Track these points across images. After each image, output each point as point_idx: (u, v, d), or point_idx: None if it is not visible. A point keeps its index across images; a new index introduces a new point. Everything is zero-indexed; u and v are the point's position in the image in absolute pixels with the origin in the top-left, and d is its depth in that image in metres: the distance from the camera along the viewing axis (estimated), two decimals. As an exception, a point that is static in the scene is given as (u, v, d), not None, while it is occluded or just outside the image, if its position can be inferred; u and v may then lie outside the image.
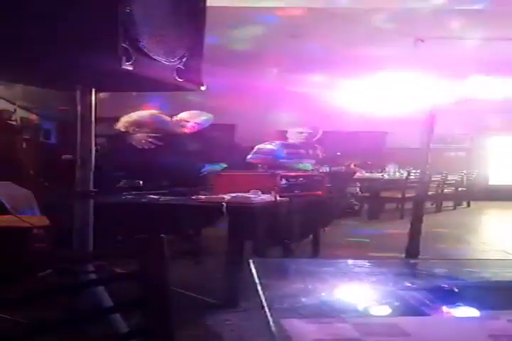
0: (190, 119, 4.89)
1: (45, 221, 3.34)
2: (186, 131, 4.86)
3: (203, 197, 3.24)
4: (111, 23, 1.57)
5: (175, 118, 4.89)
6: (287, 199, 3.33)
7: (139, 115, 4.28)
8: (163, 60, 1.78)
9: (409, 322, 0.87)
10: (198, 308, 2.94)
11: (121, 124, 4.18)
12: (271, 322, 0.83)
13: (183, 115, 4.96)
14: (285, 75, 9.04)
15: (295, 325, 0.84)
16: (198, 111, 5.09)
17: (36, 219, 3.49)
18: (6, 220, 3.68)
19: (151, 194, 3.46)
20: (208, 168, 4.59)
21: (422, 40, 7.03)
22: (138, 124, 4.14)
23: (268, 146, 5.78)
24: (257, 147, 5.79)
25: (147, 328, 0.90)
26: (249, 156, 5.61)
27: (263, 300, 0.95)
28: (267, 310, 0.89)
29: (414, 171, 7.99)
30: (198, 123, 4.92)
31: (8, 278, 0.87)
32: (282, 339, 0.77)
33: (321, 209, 3.92)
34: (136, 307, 0.93)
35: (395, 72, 8.16)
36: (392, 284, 1.16)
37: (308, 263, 1.70)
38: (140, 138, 4.09)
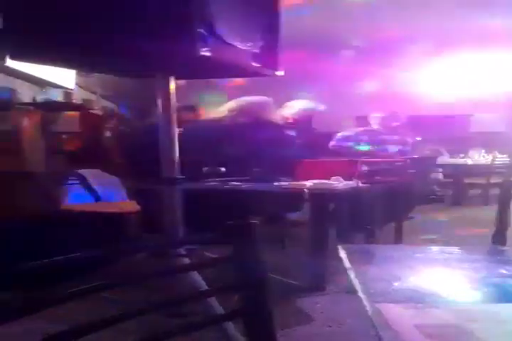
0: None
1: (135, 206, 3.47)
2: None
3: (285, 183, 3.27)
4: (185, 9, 1.56)
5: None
6: (369, 185, 3.30)
7: (250, 101, 4.28)
8: (239, 44, 1.76)
9: (509, 309, 0.85)
10: (287, 291, 3.01)
11: (224, 109, 4.19)
12: (367, 307, 0.83)
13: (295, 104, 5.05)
14: (362, 57, 8.81)
15: (392, 309, 0.83)
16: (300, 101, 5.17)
17: (127, 205, 3.64)
18: (99, 206, 3.87)
19: (233, 180, 3.52)
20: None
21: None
22: (241, 110, 4.12)
23: (348, 133, 5.70)
24: (338, 134, 5.73)
25: (247, 311, 0.94)
26: (330, 144, 5.58)
27: (357, 285, 0.95)
28: (361, 294, 0.89)
29: (499, 156, 7.69)
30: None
31: (106, 261, 0.91)
32: (382, 324, 0.77)
33: (404, 196, 3.86)
34: (233, 290, 0.97)
35: (479, 51, 7.83)
36: (485, 271, 1.14)
37: (395, 249, 1.69)
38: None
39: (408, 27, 7.33)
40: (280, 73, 2.02)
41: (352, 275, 1.01)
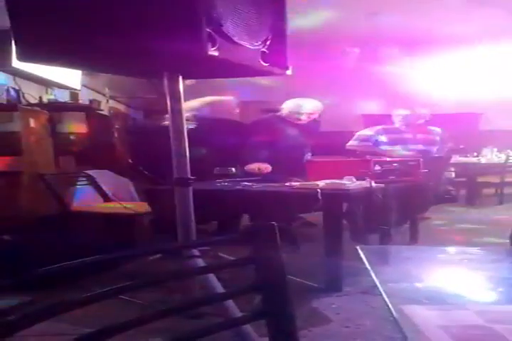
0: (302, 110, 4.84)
1: (146, 207, 3.47)
2: (300, 122, 4.83)
3: (297, 183, 3.25)
4: (193, 9, 1.55)
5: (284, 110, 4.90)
6: (382, 185, 3.28)
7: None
8: (247, 44, 1.76)
9: (535, 310, 0.84)
10: (302, 292, 2.99)
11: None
12: (392, 309, 0.82)
13: (291, 105, 4.91)
14: (368, 55, 8.75)
15: (416, 311, 0.82)
16: (305, 100, 4.96)
17: (138, 206, 3.64)
18: (109, 207, 3.88)
19: (244, 181, 3.52)
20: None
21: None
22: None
23: (367, 132, 5.52)
24: (357, 133, 5.54)
25: (269, 312, 0.93)
26: (348, 143, 5.46)
27: (379, 287, 0.94)
28: (385, 296, 0.88)
29: (513, 154, 7.64)
30: (310, 113, 4.86)
31: (118, 262, 0.91)
32: (407, 325, 0.76)
33: (418, 195, 3.81)
34: (255, 291, 0.96)
35: (489, 48, 7.76)
36: (508, 272, 1.13)
37: (414, 249, 1.68)
38: None
39: (416, 23, 7.28)
40: (289, 72, 2.01)
41: (373, 276, 1.00)
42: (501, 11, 6.44)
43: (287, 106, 4.87)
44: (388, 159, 3.82)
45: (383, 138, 5.38)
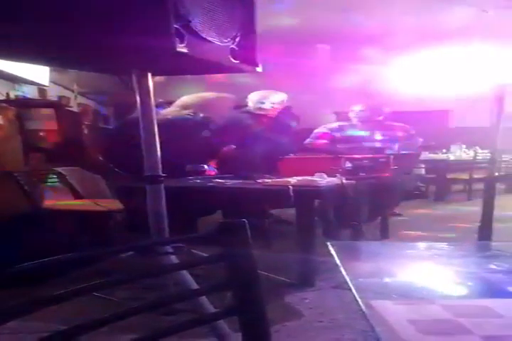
0: (266, 100, 4.81)
1: (118, 205, 3.45)
2: (265, 113, 4.78)
3: (269, 180, 3.26)
4: (161, 5, 1.54)
5: (249, 103, 4.85)
6: (353, 181, 3.30)
7: (204, 97, 4.26)
8: (216, 40, 1.75)
9: (500, 304, 0.87)
10: (275, 287, 3.00)
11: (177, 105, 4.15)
12: (361, 304, 0.84)
13: (254, 97, 4.88)
14: (339, 52, 8.74)
15: (385, 306, 0.84)
16: (270, 91, 4.92)
17: (110, 203, 3.60)
18: (81, 204, 3.83)
19: (216, 178, 3.51)
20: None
21: (486, 11, 6.63)
22: (202, 107, 4.12)
23: (322, 130, 5.40)
24: (314, 131, 5.43)
25: (241, 308, 0.94)
26: (305, 141, 5.34)
27: (349, 282, 0.95)
28: (355, 292, 0.89)
29: (481, 151, 7.76)
30: (275, 104, 4.82)
31: (91, 260, 0.91)
32: (376, 320, 0.78)
33: (389, 192, 3.86)
34: (226, 288, 0.96)
35: (458, 45, 7.85)
36: (475, 266, 1.15)
37: (384, 245, 1.71)
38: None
39: (385, 20, 7.32)
40: (259, 69, 2.01)
41: (343, 271, 1.01)
42: (470, 8, 6.53)
43: (251, 98, 4.86)
44: (359, 156, 3.83)
45: (338, 136, 5.29)
